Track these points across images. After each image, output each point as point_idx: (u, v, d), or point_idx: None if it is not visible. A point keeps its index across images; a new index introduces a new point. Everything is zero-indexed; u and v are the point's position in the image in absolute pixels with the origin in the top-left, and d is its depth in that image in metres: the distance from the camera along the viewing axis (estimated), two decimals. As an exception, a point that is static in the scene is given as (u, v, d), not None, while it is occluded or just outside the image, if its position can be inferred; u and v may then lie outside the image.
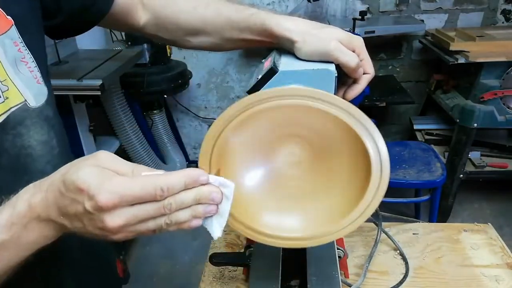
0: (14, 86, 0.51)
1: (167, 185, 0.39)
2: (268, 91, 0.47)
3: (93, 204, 0.37)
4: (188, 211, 0.40)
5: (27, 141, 0.53)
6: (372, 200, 0.46)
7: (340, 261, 0.68)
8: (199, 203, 0.40)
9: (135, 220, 0.39)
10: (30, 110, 0.53)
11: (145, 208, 0.39)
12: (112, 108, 1.83)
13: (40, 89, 0.56)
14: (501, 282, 0.73)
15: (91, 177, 0.38)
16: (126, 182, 0.38)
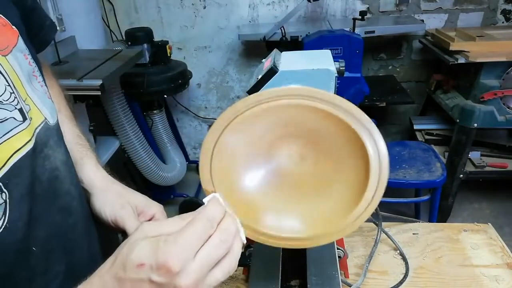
0: (34, 105, 0.48)
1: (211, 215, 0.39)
2: (268, 91, 0.47)
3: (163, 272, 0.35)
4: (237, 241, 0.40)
5: (54, 163, 0.50)
6: (371, 200, 0.46)
7: (340, 261, 0.68)
8: None
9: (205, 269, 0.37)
10: (51, 128, 0.51)
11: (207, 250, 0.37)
12: (112, 108, 1.83)
13: (51, 104, 0.53)
14: (501, 282, 0.73)
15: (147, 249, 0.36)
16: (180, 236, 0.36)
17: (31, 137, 0.46)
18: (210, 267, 0.37)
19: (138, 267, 0.36)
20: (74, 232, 0.54)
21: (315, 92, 0.46)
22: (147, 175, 2.09)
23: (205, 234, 0.37)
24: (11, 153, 0.42)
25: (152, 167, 2.06)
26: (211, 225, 0.38)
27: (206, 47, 2.50)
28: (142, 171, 2.07)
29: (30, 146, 0.45)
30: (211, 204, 0.40)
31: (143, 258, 0.36)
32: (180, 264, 0.35)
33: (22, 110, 0.45)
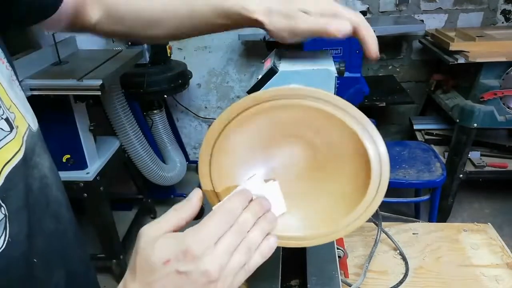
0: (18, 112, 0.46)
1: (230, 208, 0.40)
2: (268, 91, 0.47)
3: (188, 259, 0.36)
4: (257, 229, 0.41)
5: (42, 171, 0.49)
6: (372, 200, 0.46)
7: (340, 261, 0.68)
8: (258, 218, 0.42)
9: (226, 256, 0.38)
10: (35, 135, 0.49)
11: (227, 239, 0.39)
12: (112, 108, 1.83)
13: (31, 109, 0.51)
14: (501, 282, 0.73)
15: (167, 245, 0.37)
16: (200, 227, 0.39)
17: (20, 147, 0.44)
18: (231, 253, 0.39)
19: (165, 264, 0.37)
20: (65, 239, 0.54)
21: (315, 92, 0.46)
22: (147, 175, 2.09)
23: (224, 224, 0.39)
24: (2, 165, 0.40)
25: (152, 167, 2.06)
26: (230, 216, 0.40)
27: (206, 47, 2.51)
28: (142, 171, 2.07)
29: (20, 155, 0.44)
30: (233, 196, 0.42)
31: (166, 254, 0.37)
32: (202, 248, 0.37)
33: (9, 119, 0.43)
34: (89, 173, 1.66)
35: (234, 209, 0.40)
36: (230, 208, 0.40)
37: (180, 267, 0.36)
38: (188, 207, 0.42)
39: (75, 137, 1.62)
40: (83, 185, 1.66)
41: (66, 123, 1.59)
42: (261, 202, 0.43)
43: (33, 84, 1.44)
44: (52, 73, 1.57)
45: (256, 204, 0.43)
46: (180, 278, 0.37)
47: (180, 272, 0.36)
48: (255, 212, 0.42)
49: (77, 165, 1.66)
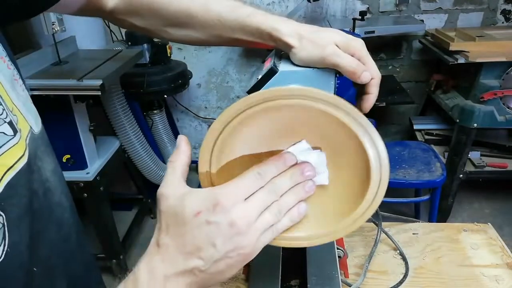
0: (20, 114, 0.45)
1: (263, 170, 0.41)
2: (268, 91, 0.46)
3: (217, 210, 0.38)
4: (291, 194, 0.42)
5: (45, 175, 0.48)
6: (372, 200, 0.46)
7: (340, 261, 0.68)
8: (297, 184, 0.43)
9: (254, 211, 0.39)
10: (36, 137, 0.48)
11: (256, 197, 0.40)
12: (112, 108, 1.83)
13: (35, 110, 0.50)
14: (501, 282, 0.73)
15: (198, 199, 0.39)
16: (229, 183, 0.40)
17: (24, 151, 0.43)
18: (260, 211, 0.40)
19: (196, 215, 0.38)
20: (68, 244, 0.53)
21: (315, 93, 0.46)
22: (147, 175, 2.09)
23: (254, 184, 0.40)
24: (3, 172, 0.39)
25: (152, 167, 2.06)
26: (261, 178, 0.40)
27: (206, 47, 2.50)
28: (142, 171, 2.07)
29: (24, 161, 0.42)
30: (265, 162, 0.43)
31: (197, 206, 0.38)
32: (231, 201, 0.38)
33: (12, 123, 0.41)
34: (89, 173, 1.66)
35: (267, 172, 0.41)
36: (264, 170, 0.41)
37: (210, 218, 0.38)
38: (180, 152, 0.44)
39: (75, 137, 1.62)
40: (83, 185, 1.66)
41: (66, 123, 1.59)
42: (303, 168, 0.43)
43: (33, 84, 1.44)
44: (52, 73, 1.57)
45: (297, 169, 0.43)
46: (210, 228, 0.38)
47: (209, 222, 0.38)
48: (293, 178, 0.43)
49: (77, 165, 1.66)
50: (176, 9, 0.58)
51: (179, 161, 0.44)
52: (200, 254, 0.38)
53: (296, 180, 0.43)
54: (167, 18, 0.59)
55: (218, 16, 0.57)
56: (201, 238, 0.38)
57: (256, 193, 0.40)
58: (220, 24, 0.57)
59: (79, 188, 1.65)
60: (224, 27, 0.57)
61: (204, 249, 0.38)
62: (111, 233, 1.84)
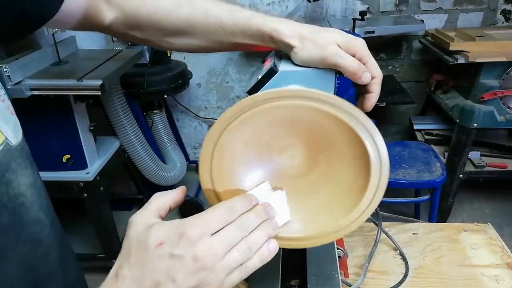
0: None
1: (232, 205, 0.40)
2: (268, 92, 0.46)
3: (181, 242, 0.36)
4: (260, 230, 0.41)
5: (17, 189, 0.45)
6: (372, 200, 0.46)
7: (340, 261, 0.68)
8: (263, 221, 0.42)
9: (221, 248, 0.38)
10: (13, 149, 0.45)
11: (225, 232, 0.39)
12: (112, 108, 1.83)
13: (15, 121, 0.47)
14: (501, 282, 0.73)
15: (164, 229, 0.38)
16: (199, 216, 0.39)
17: None
18: (228, 248, 0.38)
19: (159, 246, 0.37)
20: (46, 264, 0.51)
21: (315, 93, 0.46)
22: (147, 175, 2.09)
23: (223, 218, 0.39)
24: None
25: (152, 167, 2.06)
26: (231, 212, 0.40)
27: (206, 47, 2.50)
28: (142, 171, 2.07)
29: None
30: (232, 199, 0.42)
31: (162, 237, 0.37)
32: (198, 234, 0.37)
33: None
34: (89, 173, 1.66)
35: (236, 207, 0.41)
36: (233, 205, 0.40)
37: (173, 250, 0.36)
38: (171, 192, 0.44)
39: (75, 137, 1.61)
40: (83, 185, 1.66)
41: (66, 123, 1.59)
42: (265, 207, 0.43)
43: (33, 84, 1.44)
44: (52, 73, 1.57)
45: (261, 208, 0.43)
46: (172, 261, 0.36)
47: (172, 255, 0.36)
48: (259, 215, 0.42)
49: (77, 165, 1.66)
50: (176, 19, 0.58)
51: (163, 198, 0.43)
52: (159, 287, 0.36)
53: (262, 217, 0.42)
54: (167, 28, 0.59)
55: (218, 22, 0.56)
56: (161, 271, 0.36)
57: (225, 228, 0.39)
58: (221, 30, 0.57)
59: (79, 188, 1.65)
60: (225, 32, 0.57)
61: (163, 285, 0.36)
62: (111, 233, 1.83)
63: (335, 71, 0.53)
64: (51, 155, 1.60)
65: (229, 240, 0.38)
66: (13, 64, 1.42)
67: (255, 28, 0.54)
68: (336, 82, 0.54)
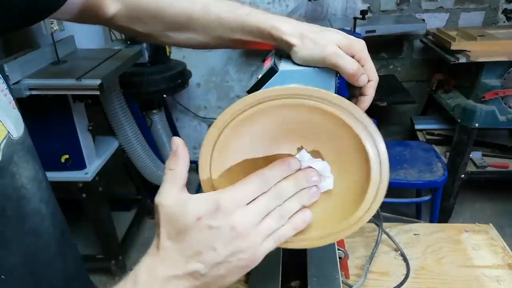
0: None
1: (267, 175, 0.41)
2: (268, 90, 0.46)
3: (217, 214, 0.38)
4: (295, 199, 0.42)
5: (19, 181, 0.47)
6: (373, 201, 0.45)
7: (341, 262, 0.68)
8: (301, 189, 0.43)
9: (256, 216, 0.39)
10: (14, 142, 0.47)
11: (259, 201, 0.40)
12: (111, 108, 1.83)
13: (17, 115, 0.49)
14: (502, 283, 0.73)
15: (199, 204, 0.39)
16: (232, 188, 0.40)
17: None
18: (262, 216, 0.40)
19: (198, 220, 0.38)
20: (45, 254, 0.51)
21: (315, 92, 0.45)
22: (146, 175, 2.09)
23: (257, 189, 0.40)
24: None
25: (151, 167, 2.05)
26: (265, 183, 0.41)
27: (206, 47, 2.50)
28: (141, 171, 2.07)
29: None
30: (270, 167, 0.42)
31: (199, 211, 0.38)
32: (233, 205, 0.39)
33: None
34: (88, 174, 1.66)
35: (271, 177, 0.41)
36: (268, 175, 0.41)
37: (212, 222, 0.38)
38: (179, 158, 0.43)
39: (73, 137, 1.61)
40: (81, 185, 1.65)
41: (64, 123, 1.58)
42: (308, 174, 0.44)
43: (31, 83, 1.43)
44: (50, 72, 1.57)
45: (302, 174, 0.43)
46: (211, 232, 0.38)
47: (211, 227, 0.38)
48: (298, 183, 0.43)
49: (76, 165, 1.65)
50: (176, 12, 0.58)
51: (179, 169, 0.42)
52: (200, 258, 0.39)
53: (300, 185, 0.43)
54: (168, 22, 0.59)
55: (217, 17, 0.57)
56: (201, 242, 0.38)
57: (259, 198, 0.40)
58: (220, 25, 0.57)
59: (77, 189, 1.65)
60: (224, 28, 0.57)
61: (204, 253, 0.38)
62: (110, 233, 1.83)
63: (335, 71, 0.52)
64: (50, 155, 1.60)
65: (263, 209, 0.40)
66: (11, 63, 1.42)
67: (254, 25, 0.55)
68: (336, 82, 0.54)
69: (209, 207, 0.39)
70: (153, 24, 0.60)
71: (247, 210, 0.39)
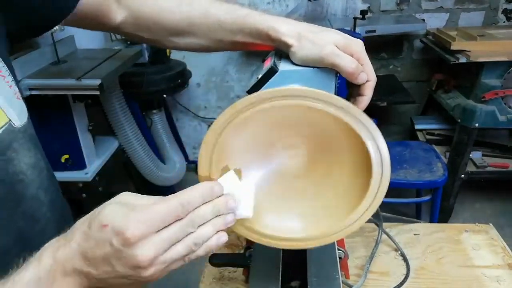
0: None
1: (187, 200, 0.39)
2: (268, 91, 0.46)
3: (120, 239, 0.36)
4: (210, 226, 0.40)
5: (18, 167, 0.49)
6: (373, 200, 0.45)
7: (341, 262, 0.68)
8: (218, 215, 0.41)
9: (164, 245, 0.38)
10: (16, 130, 0.49)
11: (171, 230, 0.39)
12: (111, 108, 1.82)
13: (21, 105, 0.51)
14: (502, 283, 0.73)
15: (115, 213, 0.38)
16: (149, 209, 0.38)
17: None
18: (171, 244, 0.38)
19: (102, 227, 0.37)
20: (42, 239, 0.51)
21: (315, 93, 0.45)
22: (146, 175, 2.09)
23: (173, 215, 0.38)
24: None
25: (151, 167, 2.05)
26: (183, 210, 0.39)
27: (206, 47, 2.49)
28: (141, 171, 2.06)
29: None
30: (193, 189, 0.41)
31: (108, 219, 0.37)
32: (138, 235, 0.36)
33: None
34: (88, 174, 1.66)
35: (190, 202, 0.39)
36: (188, 200, 0.39)
37: (113, 241, 0.37)
38: None
39: (73, 137, 1.61)
40: (82, 185, 1.65)
41: (64, 123, 1.58)
42: (227, 201, 0.42)
43: (31, 83, 1.43)
44: (50, 72, 1.57)
45: (222, 201, 0.41)
46: (112, 250, 0.37)
47: (112, 245, 0.37)
48: (216, 209, 0.41)
49: (76, 165, 1.65)
50: (176, 18, 0.60)
51: None
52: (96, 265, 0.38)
53: (217, 212, 0.41)
54: (169, 27, 0.61)
55: (217, 20, 0.58)
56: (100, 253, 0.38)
57: (171, 226, 0.38)
58: (220, 28, 0.58)
59: (77, 189, 1.65)
60: (224, 30, 0.58)
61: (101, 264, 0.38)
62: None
63: (335, 71, 0.52)
64: (50, 155, 1.58)
65: (173, 238, 0.38)
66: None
67: (253, 26, 0.55)
68: (336, 82, 0.54)
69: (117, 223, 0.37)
70: (157, 30, 0.62)
71: (153, 241, 0.37)
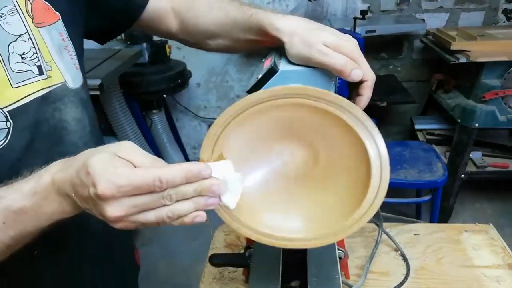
0: (57, 68, 0.57)
1: (167, 178, 0.39)
2: (268, 90, 0.46)
3: (93, 191, 0.38)
4: (190, 203, 0.40)
5: (64, 116, 0.58)
6: (373, 200, 0.45)
7: (341, 262, 0.68)
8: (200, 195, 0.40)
9: (134, 211, 0.39)
10: (69, 90, 0.59)
11: (144, 199, 0.39)
12: (111, 108, 1.83)
13: (77, 74, 0.61)
14: (502, 283, 0.73)
15: (99, 164, 0.39)
16: (127, 173, 0.39)
17: (42, 88, 0.54)
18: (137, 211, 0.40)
19: (87, 173, 0.39)
20: None
21: (315, 92, 0.45)
22: (146, 175, 2.08)
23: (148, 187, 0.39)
24: (22, 96, 0.52)
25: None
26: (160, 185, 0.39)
27: (206, 47, 2.49)
28: (141, 171, 2.06)
29: (40, 94, 0.54)
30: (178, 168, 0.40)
31: (92, 168, 0.39)
32: (108, 195, 0.38)
33: (41, 67, 0.54)
34: (88, 173, 1.66)
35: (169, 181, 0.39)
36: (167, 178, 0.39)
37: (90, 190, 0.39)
38: None
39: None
40: (82, 185, 1.65)
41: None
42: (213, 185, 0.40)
43: (32, 83, 1.43)
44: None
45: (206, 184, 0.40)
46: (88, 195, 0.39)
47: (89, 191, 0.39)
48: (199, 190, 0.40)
49: (76, 165, 1.65)
50: (209, 22, 0.66)
51: None
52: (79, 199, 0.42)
53: (200, 192, 0.40)
54: (204, 31, 0.67)
55: (233, 20, 0.62)
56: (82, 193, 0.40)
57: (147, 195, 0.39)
58: (236, 27, 0.62)
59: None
60: (238, 29, 0.62)
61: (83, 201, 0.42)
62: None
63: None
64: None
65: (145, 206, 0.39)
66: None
67: (257, 24, 0.57)
68: (336, 81, 0.54)
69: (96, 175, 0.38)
70: (196, 34, 0.69)
71: (123, 203, 0.39)
